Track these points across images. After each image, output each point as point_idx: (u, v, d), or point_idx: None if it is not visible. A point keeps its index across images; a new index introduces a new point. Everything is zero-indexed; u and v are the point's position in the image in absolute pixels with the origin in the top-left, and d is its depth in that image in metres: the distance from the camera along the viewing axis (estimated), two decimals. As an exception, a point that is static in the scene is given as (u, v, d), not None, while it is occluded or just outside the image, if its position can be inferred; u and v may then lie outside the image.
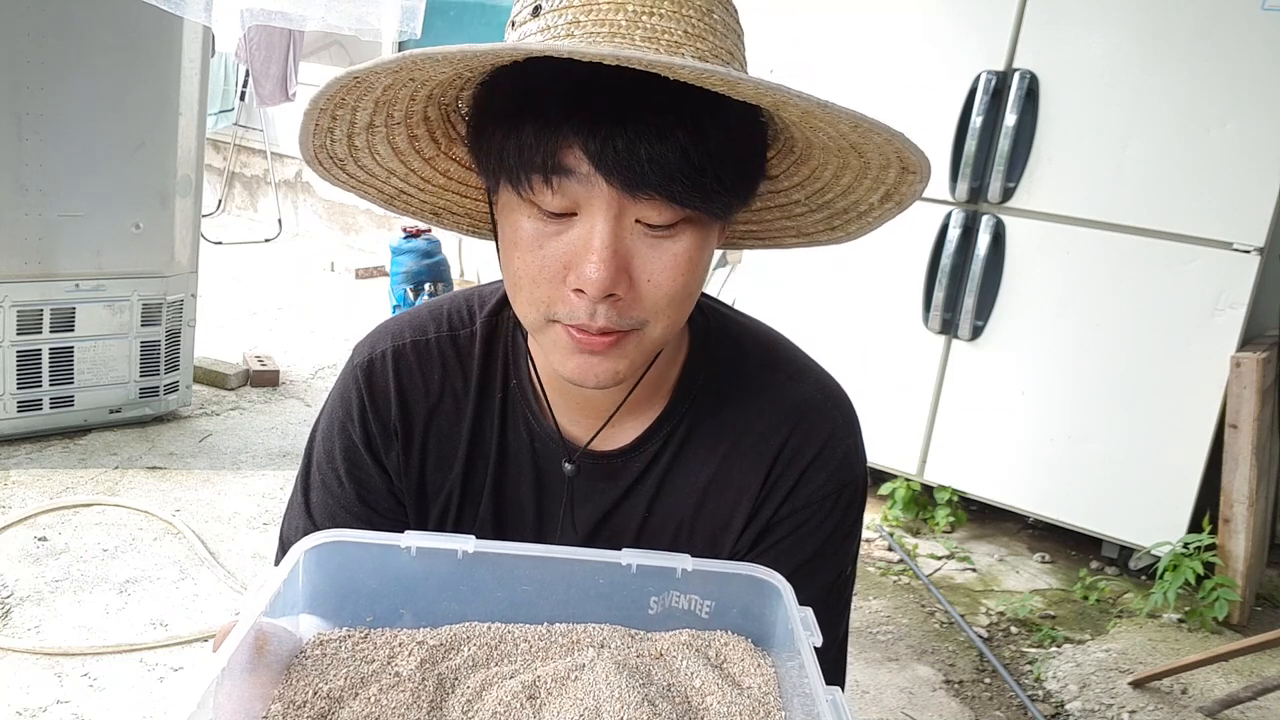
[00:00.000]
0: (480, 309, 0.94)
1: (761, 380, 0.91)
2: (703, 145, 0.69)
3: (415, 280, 4.98)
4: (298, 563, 0.73)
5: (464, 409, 0.91)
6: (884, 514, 3.25)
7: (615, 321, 0.73)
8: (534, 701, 0.68)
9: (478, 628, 0.77)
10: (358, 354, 0.94)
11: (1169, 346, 2.79)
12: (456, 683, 0.71)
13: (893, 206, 0.82)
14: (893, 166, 0.76)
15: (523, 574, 0.77)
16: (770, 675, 0.74)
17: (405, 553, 0.75)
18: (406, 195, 0.90)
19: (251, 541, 2.69)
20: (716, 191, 0.71)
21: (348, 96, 0.72)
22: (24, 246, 2.94)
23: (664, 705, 0.68)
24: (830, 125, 0.70)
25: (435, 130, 0.84)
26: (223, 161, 7.52)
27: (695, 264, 0.75)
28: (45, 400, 3.10)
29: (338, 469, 0.92)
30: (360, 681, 0.69)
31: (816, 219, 0.89)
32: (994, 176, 2.93)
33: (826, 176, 0.82)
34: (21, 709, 1.92)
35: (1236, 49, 2.59)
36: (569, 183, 0.70)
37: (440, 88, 0.77)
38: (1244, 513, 2.67)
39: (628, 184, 0.69)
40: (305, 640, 0.74)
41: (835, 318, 3.27)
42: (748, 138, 0.74)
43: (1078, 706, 2.29)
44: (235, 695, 0.62)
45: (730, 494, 0.89)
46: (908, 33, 3.04)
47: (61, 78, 2.88)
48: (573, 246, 0.72)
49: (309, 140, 0.77)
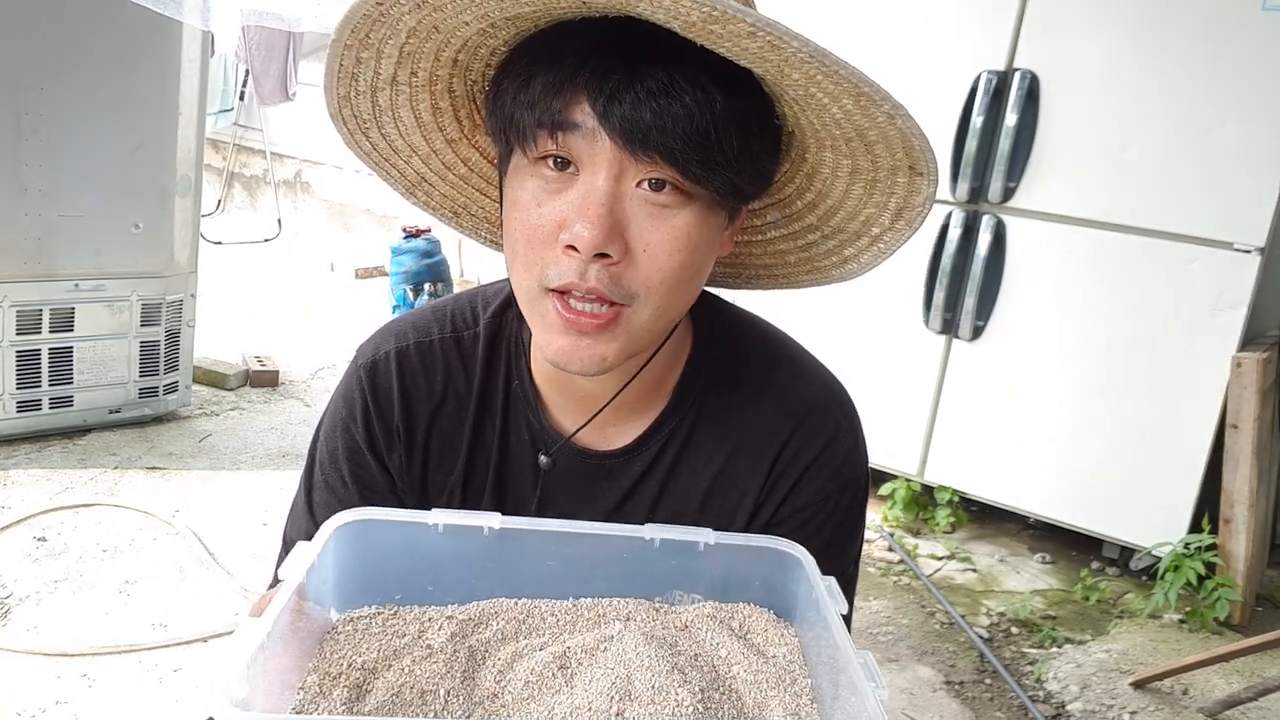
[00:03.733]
0: (484, 310, 0.94)
1: (764, 379, 0.91)
2: (708, 109, 0.69)
3: (415, 280, 4.98)
4: (329, 538, 0.74)
5: (466, 410, 0.91)
6: (884, 514, 3.25)
7: (606, 286, 0.72)
8: (565, 671, 0.69)
9: (505, 603, 0.78)
10: (361, 355, 0.94)
11: (1169, 347, 2.79)
12: (487, 654, 0.72)
13: (903, 226, 0.81)
14: (901, 172, 0.75)
15: (548, 551, 0.79)
16: (794, 644, 0.75)
17: (432, 530, 0.77)
18: (428, 184, 0.90)
19: (251, 542, 2.68)
20: (719, 163, 0.71)
21: (372, 33, 0.72)
22: (23, 246, 2.94)
23: (693, 674, 0.69)
24: (834, 101, 0.69)
25: (460, 109, 0.84)
26: (222, 161, 7.51)
27: (694, 245, 0.75)
28: (45, 400, 3.10)
29: (340, 469, 0.92)
30: (393, 654, 0.70)
31: (829, 247, 0.88)
32: (994, 176, 2.93)
33: (837, 192, 0.81)
34: (21, 709, 1.92)
35: (1236, 49, 2.59)
36: (573, 137, 0.71)
37: (465, 52, 0.77)
38: (1245, 513, 2.67)
39: (630, 141, 0.69)
40: (336, 618, 0.75)
41: (836, 318, 3.27)
42: (755, 116, 0.74)
43: (1078, 707, 2.29)
44: (270, 667, 0.62)
45: (733, 493, 0.89)
46: (908, 32, 3.04)
47: (61, 78, 2.87)
48: (571, 204, 0.72)
49: (333, 83, 0.77)
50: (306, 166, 7.09)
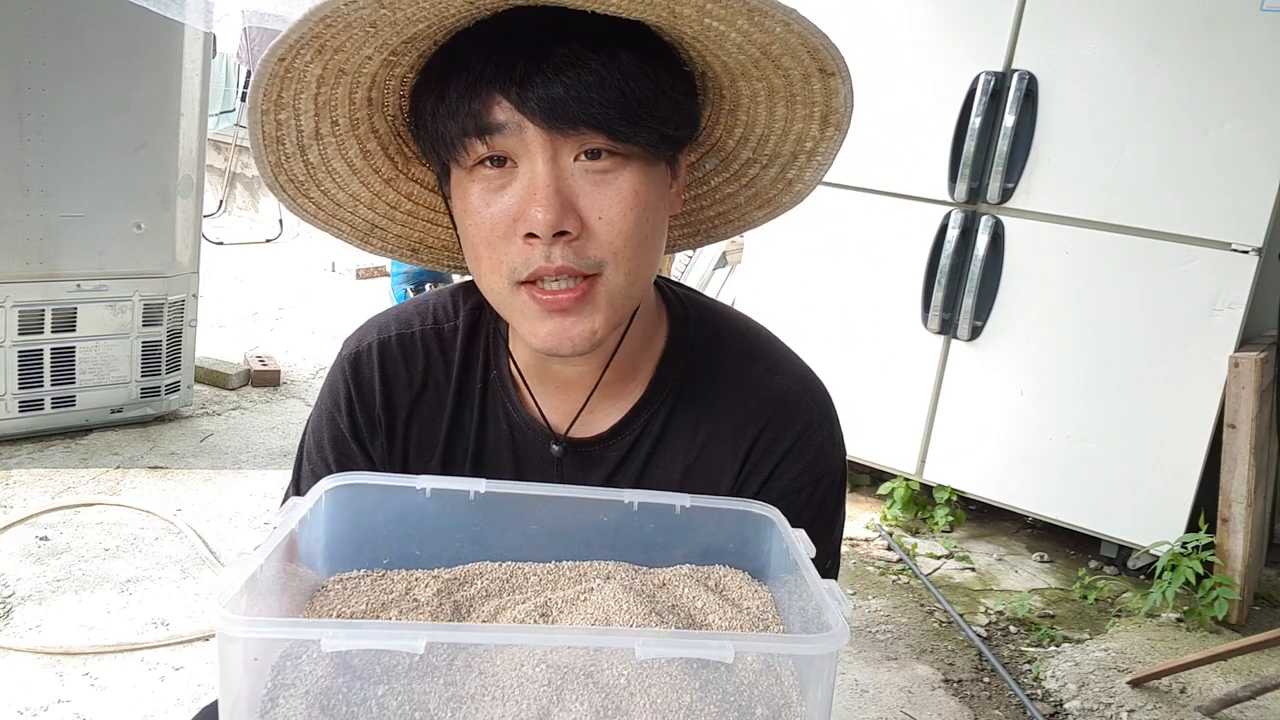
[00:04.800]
0: (465, 302, 0.96)
1: (739, 370, 0.92)
2: (616, 70, 0.71)
3: (415, 280, 4.99)
4: (320, 499, 0.77)
5: (445, 399, 0.93)
6: (883, 513, 3.25)
7: (573, 261, 0.74)
8: (546, 618, 0.72)
9: (489, 565, 0.81)
10: (346, 347, 0.97)
11: (1167, 346, 2.79)
12: (472, 608, 0.75)
13: (833, 131, 0.83)
14: (814, 77, 0.77)
15: (530, 515, 0.82)
16: (767, 598, 0.78)
17: (419, 495, 0.80)
18: (379, 230, 0.93)
19: (253, 541, 2.69)
20: (642, 117, 0.73)
21: (284, 92, 0.74)
22: (26, 247, 2.95)
23: (671, 618, 0.72)
24: (730, 26, 0.70)
25: (388, 145, 0.86)
26: (224, 162, 7.52)
27: (644, 201, 0.76)
28: (47, 400, 3.11)
29: (327, 458, 0.95)
30: (381, 606, 0.73)
31: (771, 175, 0.90)
32: (993, 177, 2.94)
33: (763, 118, 0.83)
34: (23, 708, 1.93)
35: (1235, 50, 2.60)
36: (501, 138, 0.73)
37: (376, 88, 0.79)
38: (1242, 512, 2.68)
39: (554, 120, 0.71)
40: (325, 580, 0.78)
41: (834, 318, 3.28)
42: (664, 65, 0.76)
43: (1076, 705, 2.29)
44: (260, 613, 0.65)
45: (708, 483, 0.91)
46: (906, 33, 3.05)
47: (64, 79, 2.89)
48: (518, 195, 0.74)
49: (262, 153, 0.79)
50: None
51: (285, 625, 0.64)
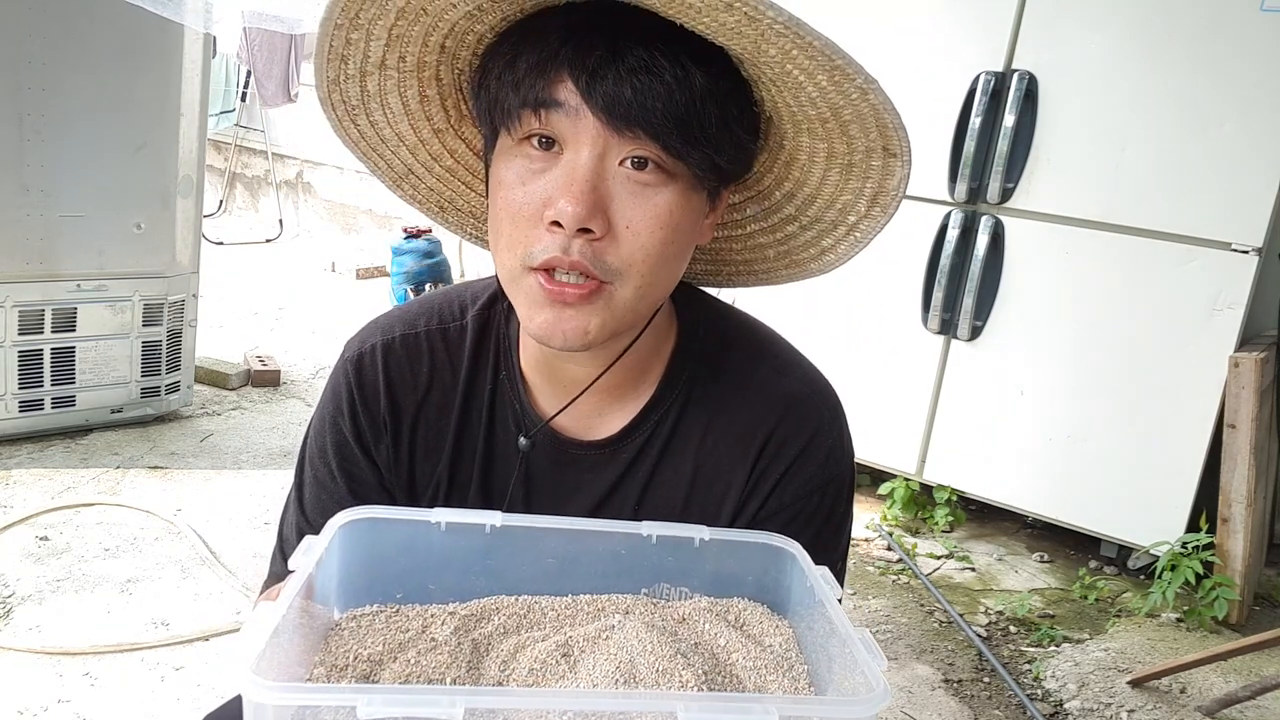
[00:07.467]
0: (472, 304, 0.95)
1: (748, 372, 0.92)
2: (688, 87, 0.71)
3: (416, 280, 5.00)
4: (334, 536, 0.75)
5: (452, 401, 0.92)
6: (883, 513, 3.25)
7: (589, 260, 0.74)
8: (569, 659, 0.71)
9: (505, 600, 0.80)
10: (348, 349, 0.95)
11: (1167, 346, 2.79)
12: (491, 646, 0.74)
13: (879, 212, 0.82)
14: (876, 154, 0.76)
15: (546, 548, 0.81)
16: (789, 635, 0.77)
17: (434, 528, 0.79)
18: (415, 177, 0.92)
19: (253, 541, 2.69)
20: (700, 140, 0.73)
21: (362, 13, 0.74)
22: (26, 247, 2.95)
23: (695, 659, 0.71)
24: (809, 78, 0.71)
25: (446, 97, 0.86)
26: (224, 162, 7.52)
27: (675, 224, 0.76)
28: (47, 400, 3.11)
29: (329, 463, 0.93)
30: (398, 646, 0.72)
31: (807, 238, 0.90)
32: (993, 177, 2.94)
33: (814, 178, 0.83)
34: (23, 708, 1.93)
35: (1236, 50, 2.60)
36: (557, 115, 0.72)
37: (453, 38, 0.78)
38: (1242, 512, 2.68)
39: (613, 117, 0.71)
40: (339, 616, 0.76)
41: (834, 318, 3.28)
42: (734, 96, 0.75)
43: (1076, 705, 2.29)
44: (275, 660, 0.63)
45: (717, 486, 0.90)
46: (907, 33, 3.05)
47: (63, 79, 2.89)
48: (554, 182, 0.74)
49: (324, 65, 0.79)
50: (308, 167, 7.10)
51: (319, 691, 0.62)
